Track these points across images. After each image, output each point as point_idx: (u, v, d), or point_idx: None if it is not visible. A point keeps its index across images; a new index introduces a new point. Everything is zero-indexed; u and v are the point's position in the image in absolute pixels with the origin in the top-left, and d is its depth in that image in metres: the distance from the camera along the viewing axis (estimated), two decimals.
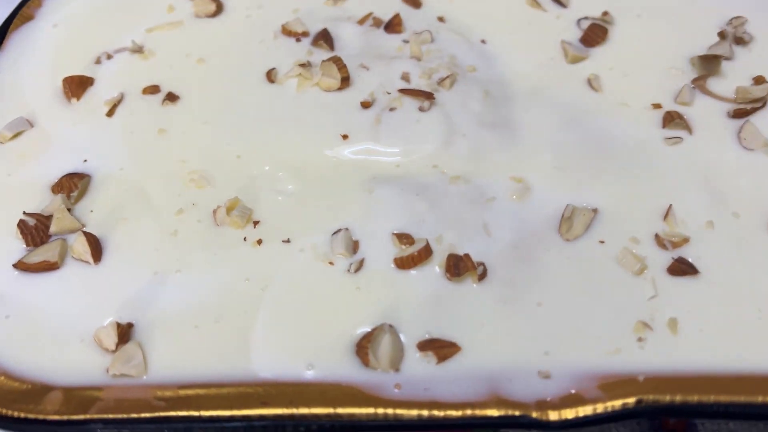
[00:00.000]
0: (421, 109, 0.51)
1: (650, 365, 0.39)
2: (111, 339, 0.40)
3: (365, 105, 0.51)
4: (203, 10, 0.59)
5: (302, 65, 0.53)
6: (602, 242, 0.44)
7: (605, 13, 0.58)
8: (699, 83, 0.53)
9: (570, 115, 0.52)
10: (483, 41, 0.57)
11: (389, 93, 0.52)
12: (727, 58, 0.54)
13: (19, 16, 0.59)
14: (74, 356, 0.41)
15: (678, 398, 0.37)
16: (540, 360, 0.40)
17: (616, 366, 0.39)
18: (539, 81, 0.54)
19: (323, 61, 0.53)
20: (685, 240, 0.44)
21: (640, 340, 0.40)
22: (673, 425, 0.47)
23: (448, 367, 0.39)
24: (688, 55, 0.55)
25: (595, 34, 0.57)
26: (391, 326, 0.41)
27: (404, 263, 0.43)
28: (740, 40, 0.55)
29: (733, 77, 0.53)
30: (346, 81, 0.52)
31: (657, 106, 0.52)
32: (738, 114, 0.51)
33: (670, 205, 0.46)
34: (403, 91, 0.52)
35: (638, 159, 0.49)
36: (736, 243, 0.44)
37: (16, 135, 0.51)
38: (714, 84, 0.53)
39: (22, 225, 0.46)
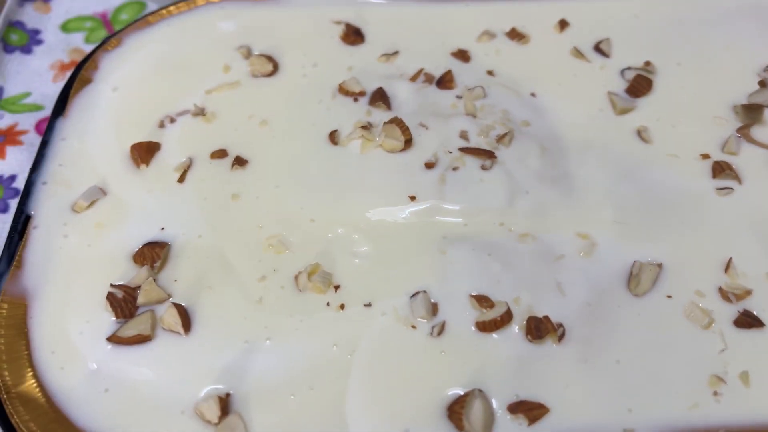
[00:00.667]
0: (483, 168, 0.53)
1: (727, 419, 0.42)
2: (213, 412, 0.42)
3: (429, 165, 0.53)
4: (260, 69, 0.61)
5: (364, 127, 0.55)
6: (669, 297, 0.47)
7: (648, 63, 0.61)
8: (744, 132, 0.56)
9: (624, 168, 0.54)
10: (533, 94, 0.59)
11: (450, 152, 0.54)
12: None
13: (78, 80, 0.61)
14: (177, 429, 0.43)
15: None
16: (624, 418, 0.42)
17: (695, 421, 0.42)
18: (591, 133, 0.56)
19: (385, 123, 0.55)
20: (748, 292, 0.47)
21: (715, 394, 0.43)
22: None
23: (537, 428, 0.42)
24: (731, 103, 0.58)
25: (640, 84, 0.59)
26: (481, 391, 0.43)
27: (486, 327, 0.45)
28: None
29: None
30: (409, 143, 0.54)
31: (705, 156, 0.55)
32: None
33: (730, 258, 0.48)
34: (464, 150, 0.54)
35: (693, 211, 0.51)
36: None
37: (91, 204, 0.53)
38: (758, 132, 0.56)
39: (111, 298, 0.47)
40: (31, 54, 0.75)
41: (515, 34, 0.64)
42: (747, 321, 0.46)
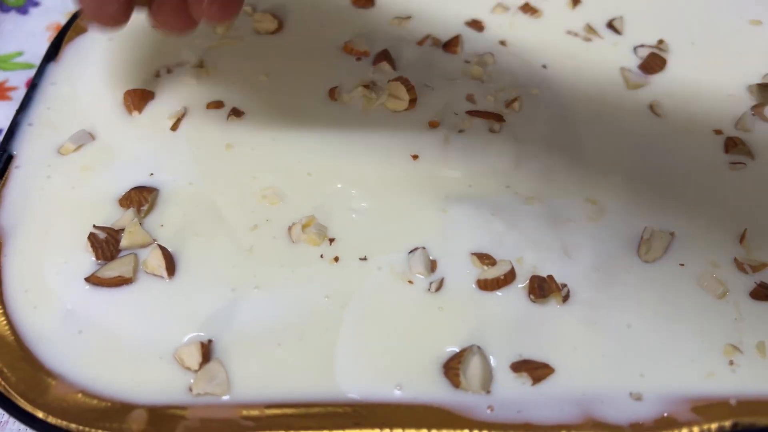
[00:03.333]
0: (491, 131, 0.51)
1: (743, 388, 0.39)
2: (194, 358, 0.40)
3: (433, 124, 0.51)
4: (264, 26, 0.59)
5: (366, 86, 0.53)
6: (682, 265, 0.44)
7: (661, 41, 0.59)
8: (758, 110, 0.54)
9: (635, 139, 0.52)
10: (544, 66, 0.57)
11: (456, 114, 0.52)
12: None
13: (72, 29, 0.59)
14: (154, 374, 0.40)
15: None
16: (636, 382, 0.39)
17: (708, 389, 0.39)
18: (601, 105, 0.54)
19: (390, 80, 0.53)
20: (764, 264, 0.44)
21: (731, 363, 0.40)
22: None
23: (541, 389, 0.39)
24: (746, 82, 0.56)
25: (653, 61, 0.57)
26: (479, 348, 0.40)
27: (488, 285, 0.43)
28: None
29: None
30: (413, 102, 0.52)
31: (718, 132, 0.53)
32: None
33: (746, 230, 0.46)
34: (471, 112, 0.52)
35: (706, 183, 0.49)
36: None
37: (78, 147, 0.51)
38: None
39: (92, 238, 0.45)
40: (27, 15, 0.74)
41: (528, 8, 0.63)
42: (764, 293, 0.43)
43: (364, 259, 0.44)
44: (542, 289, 0.42)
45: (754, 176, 0.50)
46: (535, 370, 0.40)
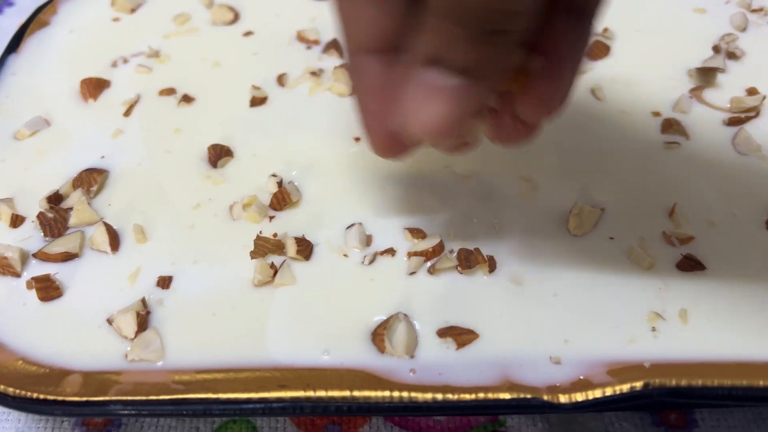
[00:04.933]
0: None
1: (663, 353, 0.40)
2: (130, 327, 0.41)
3: None
4: (221, 17, 0.61)
5: (313, 73, 0.55)
6: (611, 239, 0.46)
7: (605, 30, 0.61)
8: (696, 93, 0.55)
9: (574, 121, 0.53)
10: None
11: None
12: (722, 71, 0.57)
13: (35, 22, 0.61)
14: (93, 342, 0.41)
15: (683, 382, 0.38)
16: (560, 347, 0.41)
17: (628, 354, 0.40)
18: None
19: (335, 67, 0.54)
20: (691, 238, 0.46)
21: (653, 329, 0.42)
22: (674, 421, 0.47)
23: (464, 353, 0.40)
24: (686, 67, 0.58)
25: (597, 49, 0.59)
26: (405, 315, 0.42)
27: (418, 256, 0.44)
28: (732, 55, 0.58)
29: (728, 88, 0.56)
30: None
31: (657, 114, 0.54)
32: (732, 122, 0.53)
33: (675, 204, 0.47)
34: None
35: (640, 162, 0.51)
36: (737, 240, 0.46)
37: (34, 133, 0.52)
38: (710, 94, 0.55)
39: (41, 216, 0.46)
40: (2, 14, 0.76)
41: None
42: (689, 264, 0.45)
43: (302, 237, 0.46)
44: (468, 260, 0.44)
45: (687, 155, 0.51)
46: (459, 335, 0.41)
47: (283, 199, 0.47)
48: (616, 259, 0.45)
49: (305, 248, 0.45)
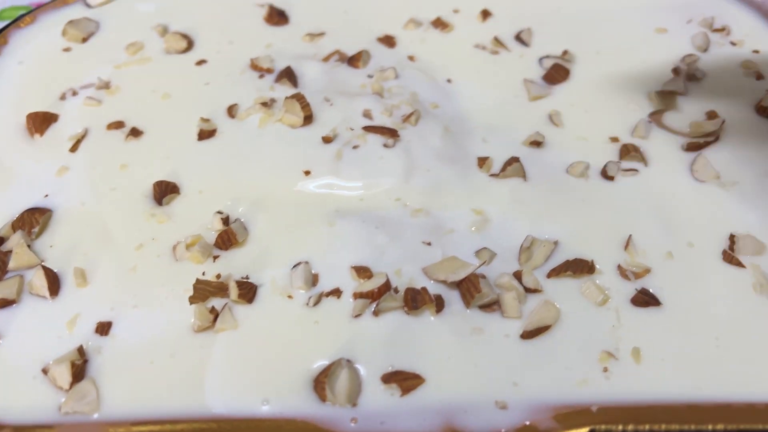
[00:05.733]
0: (385, 146, 0.51)
1: (614, 395, 0.39)
2: (65, 378, 0.40)
3: (326, 140, 0.52)
4: (174, 46, 0.60)
5: (264, 103, 0.54)
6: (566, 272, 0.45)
7: (565, 52, 0.60)
8: (655, 117, 0.55)
9: (528, 149, 0.52)
10: (449, 80, 0.58)
11: (352, 129, 0.52)
12: (682, 94, 0.56)
13: None
14: (26, 394, 0.40)
15: (630, 427, 0.37)
16: (508, 390, 0.39)
17: (578, 396, 0.39)
18: (499, 117, 0.55)
19: (286, 98, 0.53)
20: (647, 270, 0.45)
21: (605, 370, 0.41)
22: None
23: (409, 400, 0.39)
24: (647, 91, 0.57)
25: (557, 72, 0.58)
26: (348, 361, 0.41)
27: (363, 298, 0.43)
28: (693, 77, 0.57)
29: (689, 111, 0.55)
30: (309, 119, 0.52)
31: (615, 139, 0.53)
32: (691, 147, 0.52)
33: (630, 236, 0.46)
34: (367, 128, 0.52)
35: (596, 190, 0.50)
36: (693, 273, 0.45)
37: None
38: (670, 118, 0.55)
39: None
40: None
41: (439, 23, 0.63)
42: (644, 299, 0.44)
43: (246, 278, 0.45)
44: (415, 300, 0.42)
45: (645, 182, 0.50)
46: (404, 380, 0.40)
47: (228, 239, 0.46)
48: (569, 295, 0.44)
49: (248, 291, 0.43)
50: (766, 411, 0.38)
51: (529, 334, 0.42)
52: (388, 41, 0.62)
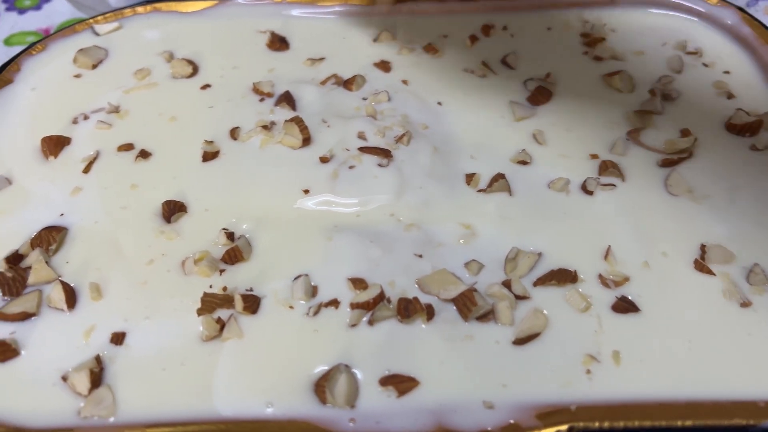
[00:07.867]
0: (380, 166, 0.55)
1: (596, 395, 0.43)
2: (84, 384, 0.43)
3: (324, 160, 0.55)
4: (180, 71, 0.63)
5: (265, 126, 0.58)
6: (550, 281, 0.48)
7: (548, 75, 0.64)
8: (633, 135, 0.58)
9: (514, 167, 0.56)
10: (439, 103, 0.62)
11: (348, 150, 0.56)
12: (658, 113, 0.60)
13: None
14: (47, 400, 0.43)
15: (606, 424, 0.40)
16: (498, 392, 0.43)
17: (561, 397, 0.42)
18: (485, 136, 0.59)
19: (286, 121, 0.57)
20: (626, 279, 0.48)
21: (588, 372, 0.44)
22: None
23: (404, 401, 0.42)
24: (624, 110, 0.60)
25: (540, 94, 0.62)
26: (346, 366, 0.44)
27: (359, 307, 0.46)
28: (668, 97, 0.61)
29: (664, 129, 0.58)
30: (307, 141, 0.56)
31: (594, 156, 0.57)
32: (666, 163, 0.55)
33: (609, 246, 0.50)
34: (362, 149, 0.56)
35: (577, 204, 0.53)
36: (667, 281, 0.48)
37: None
38: (647, 136, 0.58)
39: (0, 276, 0.48)
40: None
41: (430, 48, 0.67)
42: (624, 306, 0.47)
43: (250, 290, 0.48)
44: (407, 310, 0.46)
45: (623, 196, 0.54)
46: (401, 383, 0.43)
47: (235, 255, 0.49)
48: (554, 302, 0.47)
49: (252, 303, 0.47)
50: (731, 408, 0.41)
51: (520, 341, 0.45)
52: (384, 66, 0.65)
